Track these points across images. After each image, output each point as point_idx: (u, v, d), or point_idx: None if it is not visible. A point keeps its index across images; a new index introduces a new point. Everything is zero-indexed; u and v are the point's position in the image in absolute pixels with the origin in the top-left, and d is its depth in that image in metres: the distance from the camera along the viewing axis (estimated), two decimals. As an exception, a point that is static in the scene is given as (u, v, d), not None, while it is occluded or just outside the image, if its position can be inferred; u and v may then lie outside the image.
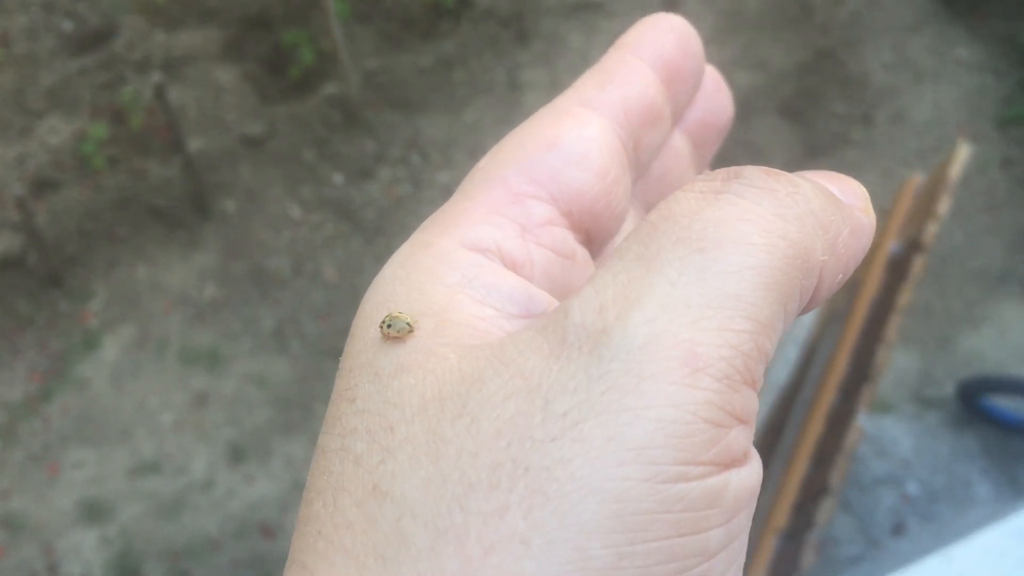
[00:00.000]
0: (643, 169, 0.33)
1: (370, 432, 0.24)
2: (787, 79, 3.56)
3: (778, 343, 0.24)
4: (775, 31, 3.67)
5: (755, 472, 0.23)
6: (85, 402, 2.99)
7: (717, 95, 0.36)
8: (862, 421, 1.72)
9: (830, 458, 1.71)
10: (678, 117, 0.34)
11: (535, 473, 0.21)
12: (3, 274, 3.25)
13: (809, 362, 2.14)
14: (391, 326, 0.26)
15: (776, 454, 1.92)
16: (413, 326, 0.26)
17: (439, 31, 3.75)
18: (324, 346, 3.07)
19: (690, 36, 0.33)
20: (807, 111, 3.47)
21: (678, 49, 0.32)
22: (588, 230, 0.30)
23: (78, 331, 3.12)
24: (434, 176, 3.42)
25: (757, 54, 3.61)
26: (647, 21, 0.33)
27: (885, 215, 2.03)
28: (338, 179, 3.43)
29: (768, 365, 0.24)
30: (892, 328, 1.79)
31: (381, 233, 3.31)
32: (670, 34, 0.32)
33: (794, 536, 1.68)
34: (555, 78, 3.57)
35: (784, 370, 2.35)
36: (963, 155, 1.88)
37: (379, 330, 0.26)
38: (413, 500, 0.22)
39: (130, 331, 3.12)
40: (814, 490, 1.72)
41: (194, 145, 3.41)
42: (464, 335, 0.26)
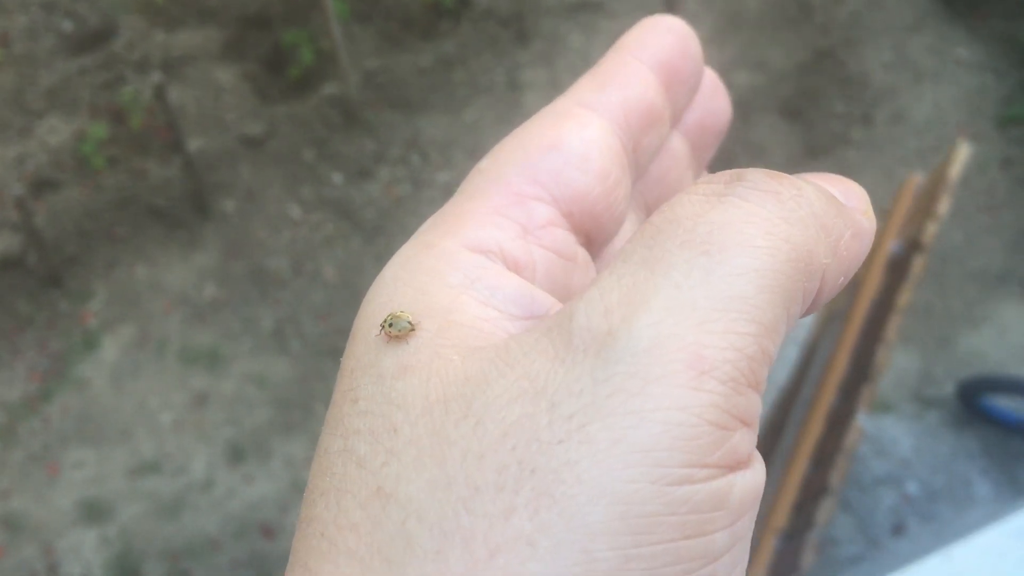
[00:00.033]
0: (642, 171, 0.33)
1: (373, 433, 0.24)
2: (787, 79, 3.56)
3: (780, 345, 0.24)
4: (775, 31, 3.67)
5: (759, 475, 0.23)
6: (85, 402, 2.99)
7: (715, 97, 0.36)
8: (862, 421, 1.72)
9: (830, 458, 1.71)
10: (677, 119, 0.34)
11: (541, 475, 0.21)
12: (3, 274, 3.25)
13: (809, 362, 2.14)
14: (393, 325, 0.26)
15: (776, 454, 1.92)
16: (415, 325, 0.26)
17: (439, 31, 3.75)
18: (324, 346, 3.07)
19: (689, 38, 0.33)
20: (807, 111, 3.47)
21: (677, 51, 0.32)
22: (588, 232, 0.30)
23: (78, 331, 3.12)
24: (434, 176, 3.42)
25: (757, 54, 3.61)
26: (646, 23, 0.33)
27: (885, 215, 2.03)
28: (338, 179, 3.43)
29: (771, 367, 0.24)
30: (892, 328, 1.79)
31: (381, 233, 3.31)
32: (669, 36, 0.32)
33: (794, 536, 1.68)
34: (555, 78, 3.57)
35: (784, 370, 2.35)
36: (963, 155, 1.88)
37: (381, 330, 0.26)
38: (418, 502, 0.22)
39: (130, 331, 3.12)
40: (814, 490, 1.72)
41: (194, 145, 3.41)
42: (468, 336, 0.26)
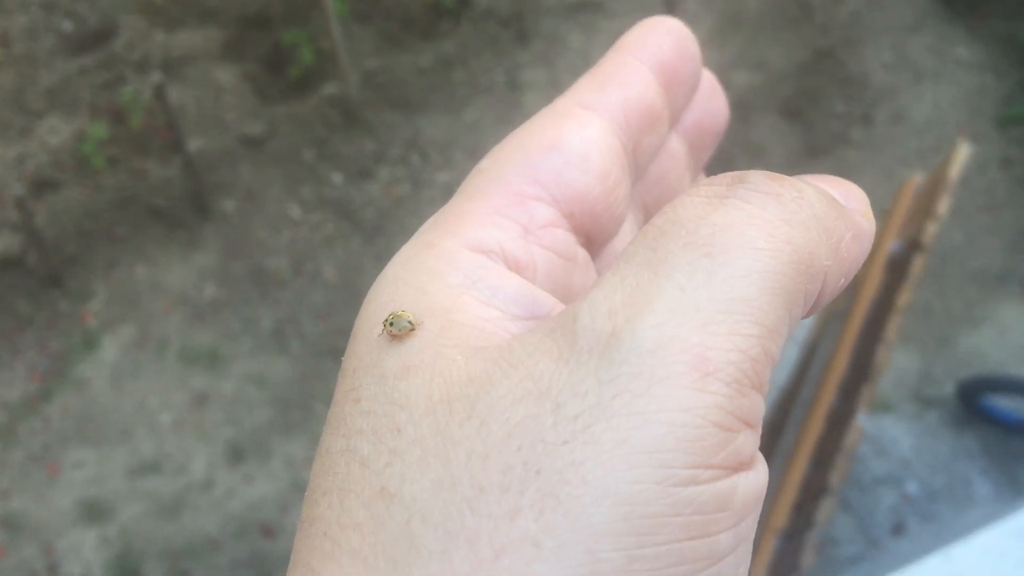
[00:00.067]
0: (641, 171, 0.33)
1: (376, 433, 0.24)
2: (787, 79, 3.56)
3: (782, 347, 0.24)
4: (775, 31, 3.67)
5: (762, 476, 0.24)
6: (85, 402, 2.99)
7: (713, 99, 0.36)
8: (862, 421, 1.72)
9: (830, 458, 1.71)
10: (675, 120, 0.34)
11: (547, 476, 0.21)
12: (3, 274, 3.25)
13: (809, 362, 2.14)
14: (393, 324, 0.26)
15: (776, 454, 1.92)
16: (415, 325, 0.26)
17: (439, 31, 3.75)
18: (324, 346, 3.07)
19: (687, 39, 0.33)
20: (807, 111, 3.47)
21: (676, 52, 0.32)
22: (588, 232, 0.30)
23: (78, 331, 3.12)
24: (434, 176, 3.42)
25: (757, 54, 3.61)
26: (645, 24, 0.33)
27: (885, 215, 2.03)
28: (338, 179, 3.43)
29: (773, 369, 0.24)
30: (892, 328, 1.79)
31: (381, 233, 3.31)
32: (668, 37, 0.32)
33: (794, 536, 1.68)
34: (555, 78, 3.57)
35: (784, 370, 2.35)
36: (963, 155, 1.88)
37: (384, 329, 0.26)
38: (422, 502, 0.22)
39: (130, 331, 3.12)
40: (814, 490, 1.72)
41: (194, 145, 3.41)
42: (470, 336, 0.25)
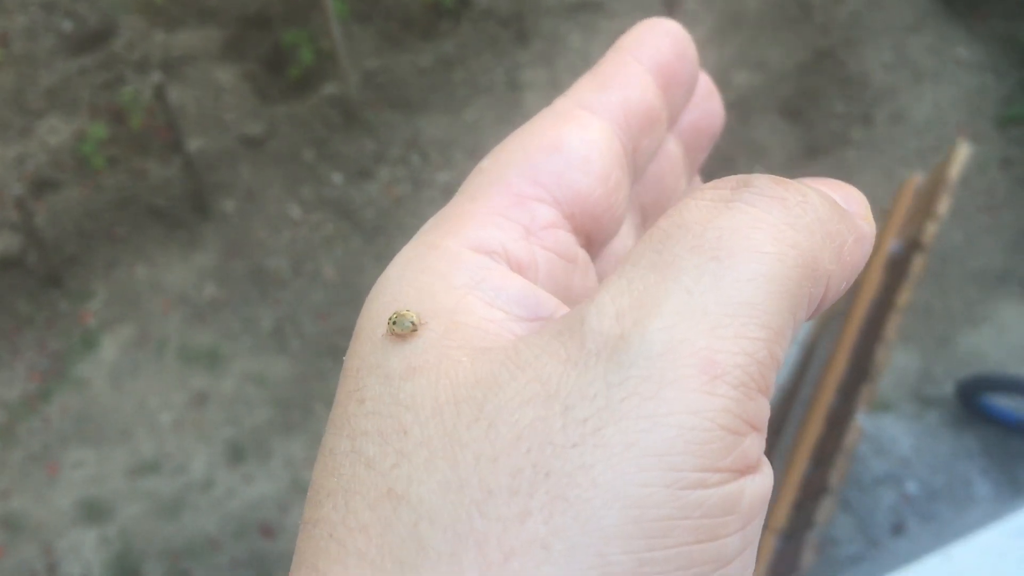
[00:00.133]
0: (640, 173, 0.33)
1: (382, 434, 0.24)
2: (787, 79, 3.56)
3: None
4: (775, 31, 3.67)
5: (767, 479, 0.24)
6: (85, 402, 2.99)
7: (709, 100, 0.36)
8: (861, 420, 1.72)
9: (830, 458, 1.71)
10: (673, 122, 0.34)
11: (556, 479, 0.21)
12: (3, 274, 3.25)
13: (809, 362, 2.14)
14: (396, 323, 0.26)
15: (776, 454, 1.92)
16: (417, 325, 0.26)
17: (439, 31, 3.75)
18: (324, 346, 3.07)
19: (685, 41, 0.33)
20: (807, 111, 3.47)
21: (674, 54, 0.32)
22: (589, 233, 0.31)
23: (77, 331, 3.12)
24: (434, 176, 3.42)
25: (757, 54, 3.61)
26: (643, 25, 0.33)
27: (885, 215, 2.03)
28: (338, 179, 3.43)
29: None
30: (892, 327, 1.79)
31: (381, 233, 3.31)
32: (666, 39, 0.32)
33: (794, 536, 1.68)
34: (555, 78, 3.57)
35: (784, 370, 2.35)
36: (963, 155, 1.88)
37: (389, 330, 0.26)
38: (430, 504, 0.22)
39: (129, 331, 3.12)
40: (814, 490, 1.72)
41: (194, 145, 3.41)
42: (475, 338, 0.25)
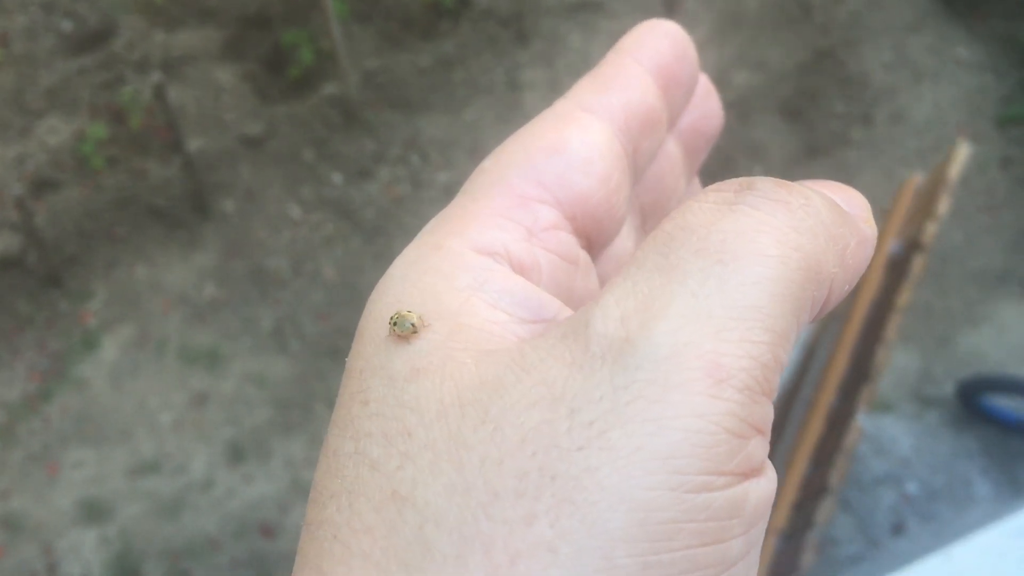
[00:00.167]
0: (640, 174, 0.33)
1: (386, 436, 0.24)
2: (787, 79, 3.56)
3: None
4: (774, 31, 3.67)
5: (771, 482, 0.24)
6: (85, 402, 2.99)
7: (708, 102, 0.36)
8: (862, 420, 1.72)
9: (830, 458, 1.71)
10: (673, 123, 0.34)
11: (562, 482, 0.21)
12: (3, 274, 3.25)
13: (809, 362, 2.14)
14: (397, 324, 0.26)
15: (776, 454, 1.92)
16: (418, 326, 0.26)
17: (439, 31, 3.75)
18: (324, 346, 3.07)
19: (685, 42, 0.33)
20: (807, 111, 3.47)
21: (674, 55, 0.32)
22: (590, 235, 0.30)
23: (77, 331, 3.12)
24: (434, 176, 3.42)
25: (756, 54, 3.61)
26: (643, 27, 0.33)
27: (885, 215, 2.03)
28: (337, 179, 3.43)
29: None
30: (892, 327, 1.79)
31: (381, 233, 3.31)
32: (666, 40, 0.32)
33: (794, 536, 1.68)
34: (555, 78, 3.57)
35: (785, 371, 2.35)
36: (963, 155, 1.88)
37: (391, 332, 0.26)
38: (436, 507, 0.22)
39: (129, 331, 3.12)
40: (814, 490, 1.72)
41: (194, 145, 3.41)
42: (480, 340, 0.25)
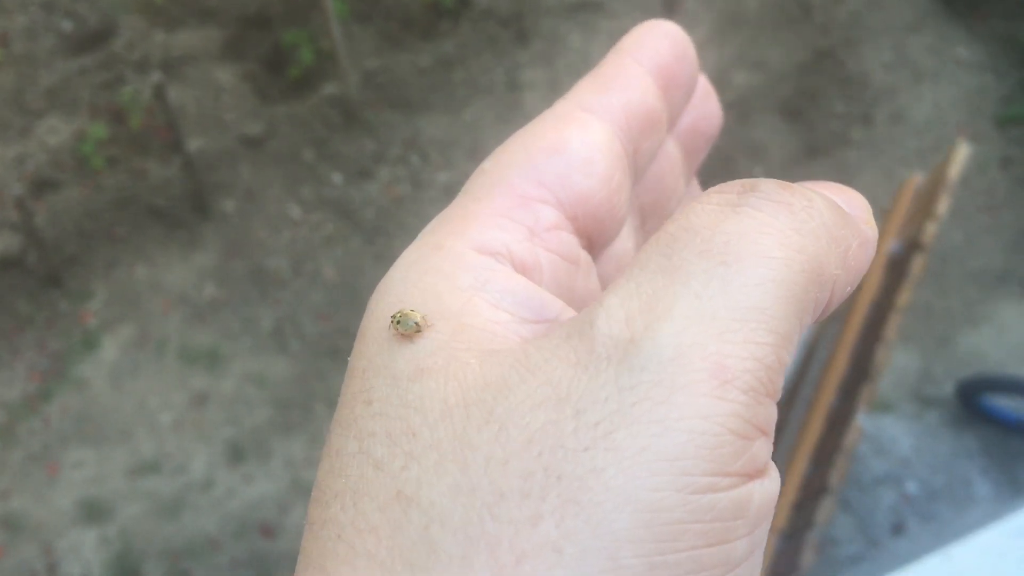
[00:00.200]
0: (640, 174, 0.33)
1: (390, 436, 0.24)
2: (787, 79, 3.56)
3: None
4: (774, 31, 3.67)
5: (775, 483, 0.24)
6: (85, 402, 2.99)
7: (707, 102, 0.36)
8: (862, 420, 1.72)
9: (830, 458, 1.71)
10: (672, 123, 0.34)
11: (568, 482, 0.22)
12: (3, 274, 3.25)
13: (809, 362, 2.14)
14: (400, 323, 0.26)
15: (776, 454, 1.92)
16: (422, 325, 0.26)
17: (439, 31, 3.75)
18: (324, 346, 3.07)
19: (685, 43, 0.33)
20: (807, 111, 3.47)
21: (674, 56, 0.32)
22: (591, 235, 0.30)
23: (77, 331, 3.12)
24: (433, 176, 3.42)
25: (756, 54, 3.61)
26: (643, 27, 0.33)
27: (885, 215, 2.03)
28: (337, 179, 3.43)
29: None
30: (892, 327, 1.79)
31: (380, 233, 3.30)
32: (666, 41, 0.32)
33: (794, 536, 1.68)
34: (555, 78, 3.57)
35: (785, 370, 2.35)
36: (962, 155, 1.88)
37: (393, 329, 0.26)
38: (441, 507, 0.22)
39: (129, 331, 3.12)
40: (814, 490, 1.72)
41: (194, 145, 3.41)
42: (483, 340, 0.25)
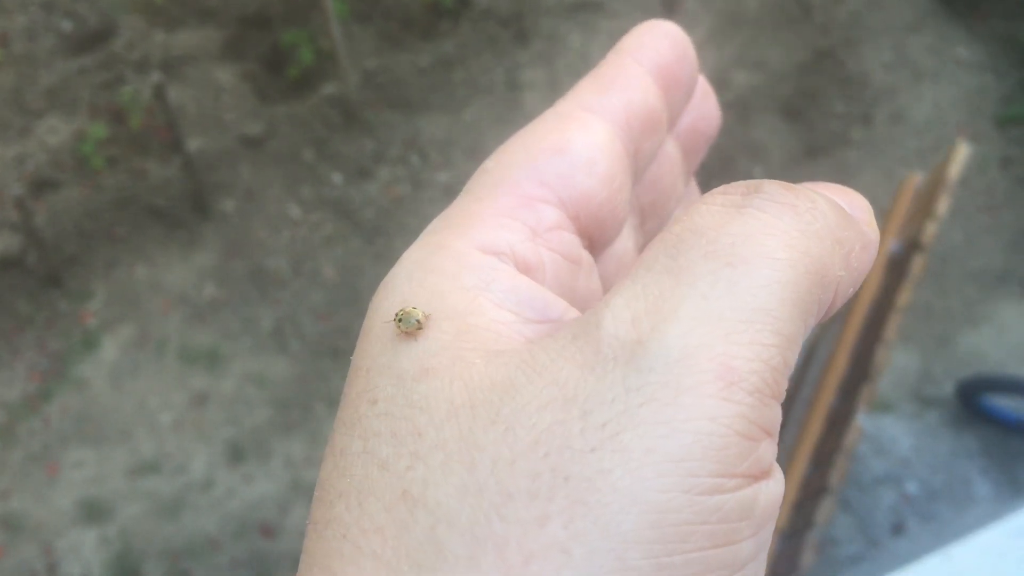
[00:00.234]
0: (640, 175, 0.33)
1: (396, 436, 0.24)
2: (787, 79, 3.56)
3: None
4: (774, 31, 3.67)
5: (780, 485, 0.24)
6: (85, 402, 2.99)
7: (706, 103, 0.36)
8: (861, 420, 1.72)
9: (830, 458, 1.71)
10: (672, 124, 0.34)
11: (575, 483, 0.22)
12: (3, 274, 3.25)
13: (809, 362, 2.14)
14: (402, 321, 0.26)
15: (776, 454, 1.92)
16: (423, 323, 0.26)
17: (439, 31, 3.75)
18: (324, 346, 3.07)
19: (685, 43, 0.33)
20: (807, 111, 3.47)
21: (674, 56, 0.32)
22: (592, 235, 0.31)
23: (77, 331, 3.12)
24: (433, 176, 3.42)
25: (756, 54, 3.61)
26: (643, 27, 0.33)
27: (885, 215, 2.03)
28: (337, 179, 3.43)
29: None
30: (892, 327, 1.79)
31: (380, 233, 3.30)
32: (666, 41, 0.32)
33: (794, 536, 1.68)
34: (555, 78, 3.57)
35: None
36: (962, 155, 1.88)
37: (396, 329, 0.26)
38: (448, 508, 0.22)
39: (129, 331, 3.12)
40: (814, 490, 1.72)
41: (193, 145, 3.41)
42: (488, 340, 0.25)
